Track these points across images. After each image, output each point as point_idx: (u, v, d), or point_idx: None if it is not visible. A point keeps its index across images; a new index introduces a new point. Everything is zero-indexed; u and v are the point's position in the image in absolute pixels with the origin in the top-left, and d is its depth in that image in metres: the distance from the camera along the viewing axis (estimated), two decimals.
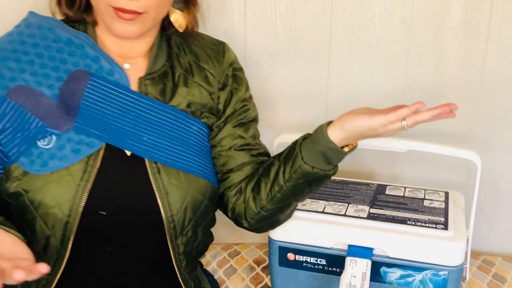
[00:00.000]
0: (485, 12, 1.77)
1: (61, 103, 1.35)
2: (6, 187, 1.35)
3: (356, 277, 1.45)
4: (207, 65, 1.50)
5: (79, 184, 1.32)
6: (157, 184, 1.38)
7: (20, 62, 1.35)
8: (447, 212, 1.57)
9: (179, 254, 1.45)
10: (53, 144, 1.33)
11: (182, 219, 1.41)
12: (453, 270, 1.47)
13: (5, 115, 1.33)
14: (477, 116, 1.87)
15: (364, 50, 1.87)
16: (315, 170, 1.37)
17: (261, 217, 1.47)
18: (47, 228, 1.34)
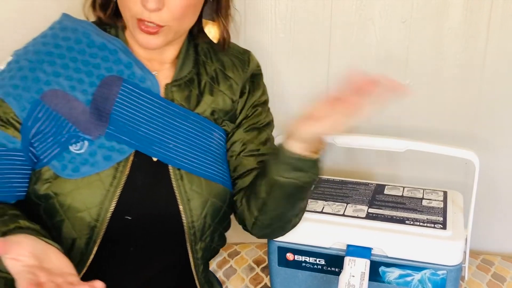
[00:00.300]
0: (484, 12, 1.77)
1: (93, 109, 1.35)
2: (35, 188, 1.36)
3: (355, 277, 1.45)
4: (233, 74, 1.51)
5: (109, 190, 1.34)
6: (180, 191, 1.39)
7: (55, 65, 1.35)
8: (446, 212, 1.57)
9: (197, 259, 1.47)
10: (85, 149, 1.34)
11: (202, 225, 1.43)
12: (451, 269, 1.47)
13: (39, 119, 1.33)
14: (476, 116, 1.87)
15: (364, 50, 1.87)
16: (290, 180, 1.35)
17: (260, 226, 1.47)
18: (74, 231, 1.35)
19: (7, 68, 1.36)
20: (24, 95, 1.32)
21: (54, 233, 1.36)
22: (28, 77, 1.33)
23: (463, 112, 1.87)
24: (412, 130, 1.90)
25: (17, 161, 1.34)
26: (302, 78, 1.76)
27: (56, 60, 1.36)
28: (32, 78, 1.33)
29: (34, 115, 1.33)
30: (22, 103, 1.32)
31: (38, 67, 1.34)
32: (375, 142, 1.64)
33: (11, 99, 1.32)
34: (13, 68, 1.35)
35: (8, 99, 1.32)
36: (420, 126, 1.90)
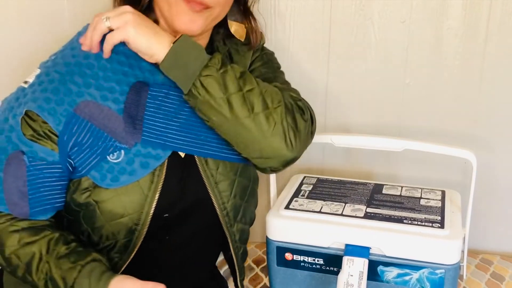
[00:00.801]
0: (483, 12, 1.78)
1: (126, 117, 1.36)
2: (74, 198, 1.38)
3: (353, 276, 1.45)
4: (246, 49, 1.59)
5: (147, 195, 1.37)
6: (207, 175, 1.44)
7: (85, 76, 1.35)
8: (444, 211, 1.57)
9: (235, 242, 1.53)
10: (122, 158, 1.36)
11: (234, 205, 1.48)
12: (449, 268, 1.47)
13: (75, 132, 1.34)
14: (475, 115, 1.87)
15: (363, 50, 1.88)
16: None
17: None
18: (113, 235, 1.39)
19: (37, 81, 1.37)
20: (58, 109, 1.33)
21: (94, 237, 1.40)
22: (60, 90, 1.34)
23: (462, 112, 1.87)
24: (412, 130, 1.91)
25: (56, 173, 1.36)
26: (302, 78, 1.77)
27: (86, 70, 1.36)
28: (64, 91, 1.34)
29: (70, 128, 1.33)
30: (57, 116, 1.33)
31: (69, 79, 1.35)
32: (372, 142, 1.64)
33: (46, 113, 1.33)
34: (44, 80, 1.36)
35: (43, 113, 1.32)
36: (420, 126, 1.90)
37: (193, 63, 1.33)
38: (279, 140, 1.38)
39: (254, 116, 1.35)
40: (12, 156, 1.34)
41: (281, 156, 1.41)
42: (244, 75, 1.38)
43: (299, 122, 1.43)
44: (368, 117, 1.92)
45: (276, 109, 1.38)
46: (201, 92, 1.33)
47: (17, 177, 1.33)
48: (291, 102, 1.44)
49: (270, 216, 1.59)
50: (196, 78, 1.32)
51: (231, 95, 1.34)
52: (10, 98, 1.40)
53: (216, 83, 1.33)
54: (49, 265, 1.31)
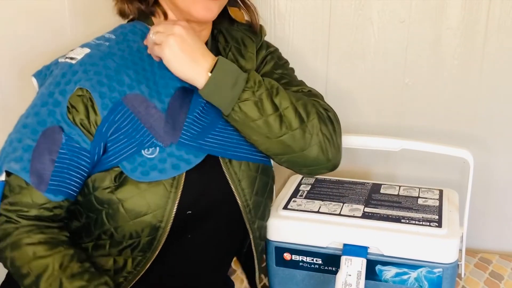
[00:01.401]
0: (482, 12, 1.78)
1: (168, 117, 1.39)
2: (97, 195, 1.39)
3: (351, 276, 1.46)
4: (248, 46, 1.60)
5: (170, 191, 1.38)
6: (230, 173, 1.46)
7: (138, 75, 1.39)
8: (441, 210, 1.58)
9: (256, 238, 1.54)
10: (156, 155, 1.37)
11: (255, 202, 1.50)
12: (447, 267, 1.48)
13: (118, 119, 1.36)
14: (473, 115, 1.87)
15: (363, 50, 1.88)
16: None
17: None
18: (137, 232, 1.39)
19: (89, 61, 1.39)
20: (108, 93, 1.35)
21: (116, 235, 1.40)
22: (113, 78, 1.37)
23: (461, 111, 1.87)
24: (410, 130, 1.91)
25: (83, 161, 1.37)
26: (301, 77, 1.77)
27: (140, 71, 1.40)
28: (117, 80, 1.37)
29: (114, 115, 1.36)
30: (106, 101, 1.35)
31: (123, 71, 1.38)
32: (370, 142, 1.65)
33: (97, 94, 1.35)
34: (98, 64, 1.38)
35: (95, 94, 1.35)
36: (418, 126, 1.90)
37: (231, 89, 1.38)
38: (317, 151, 1.46)
39: (292, 132, 1.43)
40: (51, 130, 1.35)
41: (321, 165, 1.50)
42: (278, 91, 1.43)
43: (331, 130, 1.49)
44: (367, 117, 1.92)
45: (312, 121, 1.45)
46: (240, 116, 1.39)
47: (50, 151, 1.34)
48: (322, 111, 1.50)
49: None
50: (235, 104, 1.38)
51: (269, 116, 1.40)
52: (55, 73, 1.41)
53: (254, 107, 1.39)
54: (60, 281, 1.31)
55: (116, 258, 1.42)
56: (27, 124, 1.36)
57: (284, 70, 1.64)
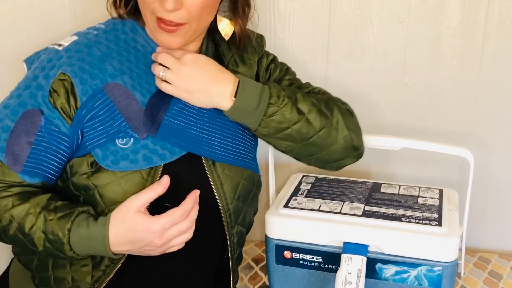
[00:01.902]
0: (481, 12, 1.79)
1: (148, 111, 1.40)
2: (73, 181, 1.41)
3: (351, 274, 1.45)
4: (249, 54, 1.60)
5: (147, 180, 1.38)
6: (212, 176, 1.47)
7: (122, 65, 1.41)
8: (441, 209, 1.58)
9: (234, 244, 1.55)
10: (129, 146, 1.38)
11: (236, 207, 1.50)
12: (447, 266, 1.48)
13: (96, 106, 1.38)
14: (473, 114, 1.88)
15: (362, 50, 1.89)
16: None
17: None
18: None
19: (74, 48, 1.41)
20: (89, 80, 1.37)
21: None
22: (96, 66, 1.39)
23: (460, 111, 1.88)
24: (410, 129, 1.91)
25: (62, 145, 1.38)
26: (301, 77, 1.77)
27: (125, 62, 1.42)
28: (99, 68, 1.39)
29: (93, 101, 1.37)
30: (86, 87, 1.37)
31: (107, 60, 1.40)
32: (370, 141, 1.65)
33: (77, 80, 1.36)
34: (83, 51, 1.40)
35: (75, 79, 1.36)
36: (418, 125, 1.91)
37: (256, 109, 1.41)
38: (345, 144, 1.52)
39: (320, 132, 1.48)
40: (30, 112, 1.36)
41: (349, 155, 1.57)
42: (299, 97, 1.46)
43: (354, 121, 1.57)
44: (367, 117, 1.92)
45: (336, 117, 1.51)
46: (268, 130, 1.44)
47: (27, 132, 1.35)
48: (341, 106, 1.55)
49: (269, 215, 1.60)
50: (262, 120, 1.41)
51: (295, 124, 1.43)
52: (42, 58, 1.43)
53: (280, 120, 1.43)
54: (44, 217, 1.33)
55: None
56: (9, 105, 1.39)
57: (291, 75, 1.65)
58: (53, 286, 1.46)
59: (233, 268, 1.59)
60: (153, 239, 1.31)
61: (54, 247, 1.33)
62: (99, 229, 1.32)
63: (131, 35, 1.47)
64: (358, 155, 1.59)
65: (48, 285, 1.47)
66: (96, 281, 1.43)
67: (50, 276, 1.46)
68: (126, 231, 1.31)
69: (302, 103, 1.46)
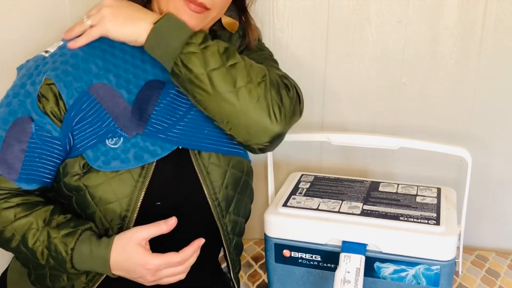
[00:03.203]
0: (479, 12, 1.79)
1: (135, 108, 1.39)
2: (65, 182, 1.41)
3: (350, 273, 1.46)
4: (234, 44, 1.58)
5: (138, 181, 1.39)
6: (199, 166, 1.46)
7: (107, 62, 1.40)
8: (439, 208, 1.58)
9: (228, 233, 1.54)
10: (119, 145, 1.39)
11: (225, 196, 1.49)
12: (445, 264, 1.48)
13: (84, 109, 1.37)
14: (470, 114, 1.89)
15: (361, 50, 1.89)
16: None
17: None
18: (106, 222, 1.41)
19: (59, 52, 1.41)
20: (74, 83, 1.37)
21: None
22: (80, 67, 1.38)
23: (458, 110, 1.89)
24: (408, 128, 1.91)
25: (55, 149, 1.39)
26: (300, 76, 1.78)
27: (109, 57, 1.41)
28: (84, 68, 1.38)
29: (80, 104, 1.37)
30: (71, 90, 1.36)
31: (91, 59, 1.39)
32: (369, 140, 1.65)
33: (62, 84, 1.36)
34: (66, 53, 1.40)
35: (59, 84, 1.36)
36: (416, 124, 1.91)
37: (175, 41, 1.35)
38: (263, 114, 1.37)
39: (237, 90, 1.35)
40: (20, 120, 1.37)
41: (266, 130, 1.39)
42: (228, 50, 1.38)
43: (284, 98, 1.41)
44: (365, 116, 1.93)
45: (260, 83, 1.38)
46: (182, 70, 1.35)
47: (19, 141, 1.36)
48: (276, 78, 1.43)
49: (268, 214, 1.61)
50: (177, 56, 1.34)
51: (212, 70, 1.34)
52: (29, 65, 1.43)
53: (197, 60, 1.34)
54: (47, 233, 1.35)
55: None
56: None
57: (260, 56, 1.61)
58: (49, 284, 1.48)
59: (231, 258, 1.59)
60: (145, 275, 1.34)
61: (56, 263, 1.36)
62: (102, 251, 1.34)
63: None
64: (274, 134, 1.40)
65: (44, 282, 1.48)
66: (90, 280, 1.44)
67: (46, 273, 1.47)
68: (124, 259, 1.34)
69: (228, 54, 1.37)
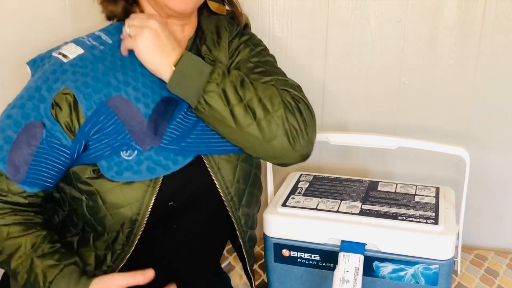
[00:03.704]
0: (478, 12, 1.79)
1: (151, 123, 1.40)
2: (79, 186, 1.42)
3: (349, 272, 1.47)
4: (223, 36, 1.58)
5: (149, 185, 1.40)
6: (209, 161, 1.47)
7: (127, 76, 1.40)
8: (438, 207, 1.59)
9: (241, 226, 1.55)
10: (133, 157, 1.39)
11: (237, 189, 1.51)
12: (444, 263, 1.49)
13: (101, 121, 1.38)
14: (469, 113, 1.89)
15: (360, 49, 1.90)
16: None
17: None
18: (117, 225, 1.42)
19: (80, 63, 1.40)
20: (93, 95, 1.37)
21: (98, 227, 1.44)
22: (100, 79, 1.38)
23: (457, 110, 1.89)
24: (407, 128, 1.92)
25: (62, 157, 1.39)
26: (299, 76, 1.78)
27: (129, 72, 1.41)
28: (104, 81, 1.38)
29: (98, 116, 1.37)
30: (90, 102, 1.36)
31: (112, 73, 1.39)
32: (367, 140, 1.65)
33: (81, 96, 1.36)
34: (87, 66, 1.39)
35: (79, 95, 1.36)
36: (415, 124, 1.92)
37: (196, 82, 1.38)
38: (284, 141, 1.42)
39: (257, 123, 1.40)
40: (33, 125, 1.37)
41: (289, 155, 1.45)
42: (243, 83, 1.41)
43: (300, 121, 1.44)
44: (364, 116, 1.93)
45: (277, 111, 1.41)
46: (206, 108, 1.38)
47: (29, 145, 1.36)
48: (290, 101, 1.45)
49: (267, 213, 1.61)
50: (200, 96, 1.38)
51: (233, 107, 1.38)
52: (45, 68, 1.42)
53: (218, 98, 1.38)
54: (31, 261, 1.35)
55: (98, 252, 1.45)
56: (12, 115, 1.39)
57: (261, 57, 1.61)
58: None
59: (246, 251, 1.60)
60: None
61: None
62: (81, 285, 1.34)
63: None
64: (300, 158, 1.47)
65: None
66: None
67: None
68: None
69: (244, 89, 1.41)
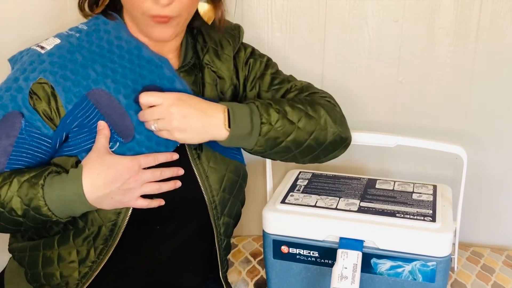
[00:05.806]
0: (474, 11, 1.80)
1: (132, 114, 1.40)
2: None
3: (347, 269, 1.47)
4: (226, 49, 1.59)
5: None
6: (198, 169, 1.47)
7: (106, 68, 1.40)
8: (435, 205, 1.59)
9: (220, 235, 1.56)
10: (115, 149, 1.39)
11: (222, 199, 1.51)
12: (441, 260, 1.49)
13: (82, 114, 1.38)
14: (466, 112, 1.90)
15: (357, 49, 1.90)
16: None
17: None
18: (100, 219, 1.41)
19: (57, 53, 1.40)
20: (73, 88, 1.37)
21: (80, 222, 1.42)
22: (79, 72, 1.38)
23: (454, 108, 1.90)
24: (404, 127, 1.92)
25: (43, 146, 1.39)
26: (297, 76, 1.79)
27: (107, 63, 1.41)
28: (82, 74, 1.38)
29: (79, 109, 1.37)
30: (70, 95, 1.37)
31: (90, 65, 1.39)
32: (366, 138, 1.67)
33: (60, 89, 1.36)
34: (65, 56, 1.40)
35: (58, 88, 1.36)
36: (412, 123, 1.92)
37: (251, 132, 1.41)
38: (335, 138, 1.53)
39: (313, 136, 1.49)
40: (11, 115, 1.36)
41: (340, 147, 1.58)
42: (285, 108, 1.46)
43: (338, 114, 1.57)
44: (362, 114, 1.94)
45: (323, 117, 1.51)
46: (264, 148, 1.44)
47: (8, 135, 1.36)
48: (325, 103, 1.55)
49: (266, 210, 1.61)
50: (257, 141, 1.42)
51: (289, 136, 1.44)
52: (24, 60, 1.42)
53: (274, 136, 1.43)
54: (17, 181, 1.34)
55: (79, 248, 1.44)
56: None
57: (272, 69, 1.65)
58: (43, 282, 1.49)
59: (220, 259, 1.60)
60: (127, 180, 1.35)
61: (31, 207, 1.33)
62: (73, 174, 1.34)
63: (114, 33, 1.46)
64: (347, 144, 1.60)
65: (39, 281, 1.49)
66: (83, 276, 1.45)
67: (40, 272, 1.48)
68: (99, 173, 1.34)
69: (292, 113, 1.45)
